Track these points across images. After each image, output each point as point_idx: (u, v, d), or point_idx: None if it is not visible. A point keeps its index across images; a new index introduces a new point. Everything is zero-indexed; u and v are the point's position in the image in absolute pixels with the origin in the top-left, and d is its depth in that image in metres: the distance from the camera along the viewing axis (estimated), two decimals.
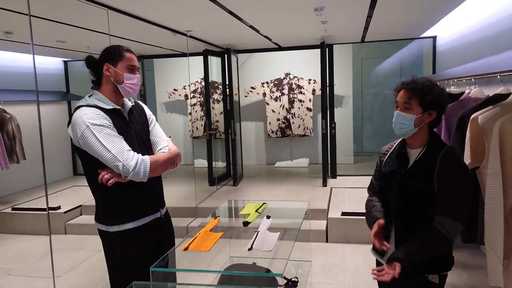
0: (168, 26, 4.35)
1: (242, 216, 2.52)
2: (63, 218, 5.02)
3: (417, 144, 1.81)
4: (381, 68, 8.47)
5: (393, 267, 1.61)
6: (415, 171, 1.77)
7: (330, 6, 3.66)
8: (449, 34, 5.11)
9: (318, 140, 7.33)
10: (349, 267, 3.76)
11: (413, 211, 1.77)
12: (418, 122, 1.75)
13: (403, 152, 1.85)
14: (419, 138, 1.80)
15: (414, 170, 1.78)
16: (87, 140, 1.87)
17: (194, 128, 7.73)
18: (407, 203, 1.78)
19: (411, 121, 1.74)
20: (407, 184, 1.77)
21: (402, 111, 1.77)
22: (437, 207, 1.69)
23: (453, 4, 3.94)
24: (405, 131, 1.78)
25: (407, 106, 1.75)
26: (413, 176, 1.77)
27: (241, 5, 3.57)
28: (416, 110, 1.74)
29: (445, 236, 1.65)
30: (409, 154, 1.83)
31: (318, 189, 5.68)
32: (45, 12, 3.35)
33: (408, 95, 1.75)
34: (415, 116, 1.74)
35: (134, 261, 2.04)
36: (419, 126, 1.75)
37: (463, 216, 1.69)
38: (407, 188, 1.77)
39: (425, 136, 1.79)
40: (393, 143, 1.97)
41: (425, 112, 1.74)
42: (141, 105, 2.28)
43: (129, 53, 2.06)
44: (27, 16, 2.50)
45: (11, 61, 5.67)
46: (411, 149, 1.84)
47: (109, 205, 2.03)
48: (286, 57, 7.39)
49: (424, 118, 1.75)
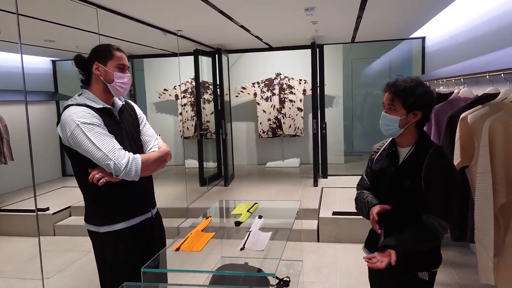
0: (159, 26, 4.32)
1: (234, 216, 2.51)
2: (52, 219, 4.96)
3: (406, 143, 1.84)
4: (371, 68, 8.53)
5: (387, 254, 1.61)
6: (405, 170, 1.79)
7: (320, 6, 3.67)
8: (438, 35, 5.16)
9: (309, 140, 7.35)
10: (340, 266, 3.78)
11: (403, 209, 1.78)
12: (402, 123, 1.77)
13: (393, 151, 1.88)
14: (407, 137, 1.82)
15: (403, 168, 1.80)
16: (77, 139, 1.85)
17: (185, 128, 7.70)
18: (397, 201, 1.79)
19: (395, 122, 1.77)
20: (397, 182, 1.80)
21: (387, 113, 1.80)
22: (425, 206, 1.71)
23: (441, 5, 3.98)
24: (390, 132, 1.81)
25: (391, 108, 1.78)
26: (402, 174, 1.79)
27: (232, 5, 3.56)
28: (400, 112, 1.76)
29: (433, 231, 1.67)
30: (399, 153, 1.86)
31: (309, 189, 5.69)
32: (34, 11, 3.30)
33: (391, 97, 1.78)
34: (399, 117, 1.76)
35: (125, 262, 2.01)
36: (404, 127, 1.78)
37: (451, 215, 1.71)
38: (397, 186, 1.80)
39: (413, 135, 1.82)
40: (384, 141, 1.99)
41: (409, 113, 1.76)
42: (132, 105, 2.26)
43: (119, 52, 2.04)
44: (14, 15, 2.46)
45: None
46: (401, 148, 1.86)
47: (99, 205, 2.01)
48: (277, 57, 7.40)
49: (409, 119, 1.77)
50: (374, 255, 1.65)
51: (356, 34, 5.50)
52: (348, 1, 3.56)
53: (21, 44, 2.60)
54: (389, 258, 1.59)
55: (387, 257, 1.60)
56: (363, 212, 1.90)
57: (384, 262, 1.59)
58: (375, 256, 1.64)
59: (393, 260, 1.59)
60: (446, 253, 3.84)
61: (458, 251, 3.87)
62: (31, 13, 3.37)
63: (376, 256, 1.63)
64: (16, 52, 5.07)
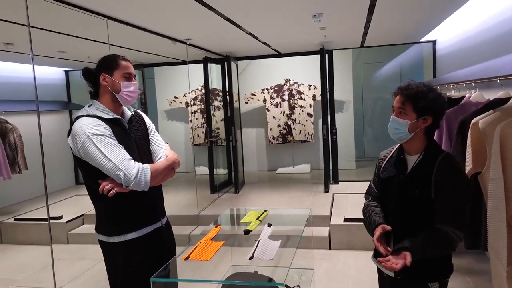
0: (168, 35, 4.36)
1: (244, 224, 2.51)
2: (65, 227, 5.01)
3: (414, 150, 1.80)
4: (382, 72, 8.48)
5: (403, 257, 1.59)
6: (414, 177, 1.76)
7: (328, 12, 3.67)
8: (448, 38, 5.11)
9: (319, 146, 7.32)
10: (352, 274, 3.74)
11: (412, 217, 1.76)
12: (412, 128, 1.74)
13: (401, 158, 1.84)
14: (416, 144, 1.79)
15: (412, 176, 1.77)
16: (88, 150, 1.86)
17: (195, 135, 7.73)
18: (406, 209, 1.77)
19: (405, 126, 1.74)
20: (406, 190, 1.76)
21: (396, 116, 1.77)
22: (437, 215, 1.68)
23: (452, 8, 3.94)
24: (399, 136, 1.78)
25: (401, 111, 1.75)
26: (411, 182, 1.76)
27: (240, 13, 3.58)
28: (410, 116, 1.73)
29: (448, 239, 1.64)
30: (407, 160, 1.82)
31: (320, 195, 5.66)
32: (45, 23, 3.36)
33: (402, 100, 1.75)
34: (409, 121, 1.73)
35: (136, 272, 2.02)
36: (414, 131, 1.75)
37: (463, 224, 1.68)
38: (406, 194, 1.76)
39: (422, 142, 1.78)
40: (391, 148, 1.96)
41: (419, 118, 1.73)
42: (141, 114, 2.28)
43: (125, 61, 2.05)
44: (26, 27, 2.51)
45: (12, 71, 5.70)
46: (409, 155, 1.83)
47: (109, 215, 2.02)
48: (286, 63, 7.41)
49: (419, 124, 1.74)
50: (389, 258, 1.63)
51: (365, 39, 5.48)
52: (355, 7, 3.56)
53: (33, 55, 2.65)
54: (404, 261, 1.58)
55: (402, 259, 1.59)
56: (369, 231, 1.88)
57: (399, 264, 1.57)
58: (389, 260, 1.62)
59: (408, 262, 1.57)
60: (461, 260, 3.80)
61: (473, 258, 3.81)
62: (43, 25, 3.44)
63: (391, 259, 1.61)
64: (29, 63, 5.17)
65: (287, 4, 3.34)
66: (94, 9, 3.09)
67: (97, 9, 3.10)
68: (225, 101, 6.35)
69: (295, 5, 3.40)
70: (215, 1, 3.09)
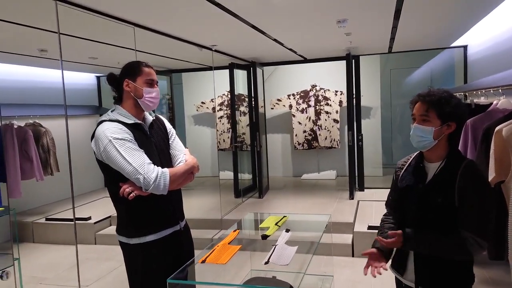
0: (193, 41, 4.44)
1: (263, 229, 2.52)
2: (93, 228, 5.16)
3: (435, 157, 1.76)
4: (411, 78, 8.31)
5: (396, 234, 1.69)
6: (435, 186, 1.71)
7: (352, 18, 3.65)
8: (480, 42, 4.97)
9: (345, 152, 7.24)
10: (375, 282, 3.66)
11: (431, 227, 1.71)
12: (437, 135, 1.70)
13: (420, 167, 1.80)
14: (438, 151, 1.74)
15: (433, 184, 1.72)
16: (110, 154, 1.92)
17: (221, 140, 7.81)
18: (425, 219, 1.73)
19: (429, 133, 1.70)
20: (427, 199, 1.72)
21: (419, 124, 1.72)
22: (460, 223, 1.64)
23: (483, 12, 3.84)
24: (424, 144, 1.73)
25: (425, 119, 1.71)
26: (433, 191, 1.71)
27: (264, 20, 3.61)
28: (434, 122, 1.69)
29: (464, 243, 1.61)
30: (427, 168, 1.78)
31: (344, 202, 5.59)
32: (75, 30, 3.50)
33: (425, 107, 1.70)
34: (434, 128, 1.69)
35: (154, 273, 2.06)
36: (438, 138, 1.70)
37: (487, 231, 1.63)
38: (426, 203, 1.72)
39: (444, 149, 1.74)
40: (409, 156, 1.93)
41: (444, 124, 1.69)
42: (162, 119, 2.33)
43: (148, 68, 2.11)
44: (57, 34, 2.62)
45: (46, 77, 5.95)
46: (429, 163, 1.78)
47: (130, 218, 2.08)
48: (312, 69, 7.39)
49: (443, 130, 1.70)
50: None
51: (393, 44, 5.40)
52: (380, 13, 3.52)
53: (62, 61, 2.76)
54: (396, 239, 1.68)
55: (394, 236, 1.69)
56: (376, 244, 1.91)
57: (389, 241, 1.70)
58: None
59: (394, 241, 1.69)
60: (489, 272, 3.66)
61: (502, 269, 3.66)
62: (73, 33, 3.57)
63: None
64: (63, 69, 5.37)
65: (311, 10, 3.34)
66: (122, 17, 3.20)
67: (124, 17, 3.20)
68: (251, 106, 6.39)
69: (319, 12, 3.40)
70: (239, 8, 3.14)
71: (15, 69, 5.51)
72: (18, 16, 3.01)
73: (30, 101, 5.65)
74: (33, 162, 5.13)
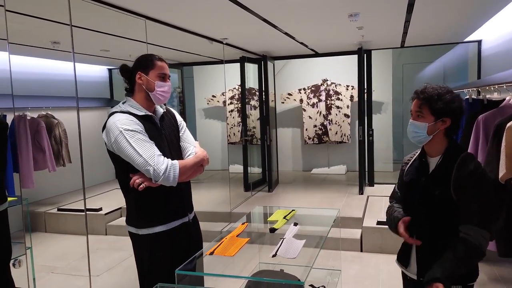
0: (204, 34, 4.45)
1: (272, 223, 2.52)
2: (104, 219, 5.23)
3: (435, 152, 1.81)
4: (424, 73, 8.21)
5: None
6: (435, 179, 1.76)
7: (364, 12, 3.61)
8: (494, 38, 4.89)
9: (355, 147, 7.20)
10: (383, 278, 3.66)
11: (434, 219, 1.75)
12: (431, 130, 1.75)
13: (422, 161, 1.85)
14: (436, 146, 1.79)
15: (433, 178, 1.78)
16: (120, 145, 1.95)
17: (232, 134, 7.82)
18: (428, 212, 1.77)
19: (423, 129, 1.75)
20: (428, 193, 1.77)
21: (414, 120, 1.79)
22: (461, 216, 1.67)
23: (498, 6, 3.76)
24: (418, 139, 1.79)
25: (419, 114, 1.77)
26: (432, 185, 1.76)
27: (275, 13, 3.59)
28: (428, 118, 1.75)
29: (475, 246, 1.61)
30: (429, 163, 1.83)
31: (354, 197, 5.58)
32: (87, 22, 3.53)
33: (419, 104, 1.77)
34: (428, 124, 1.74)
35: (162, 264, 2.09)
36: (432, 133, 1.76)
37: (488, 222, 1.65)
38: (428, 197, 1.77)
39: (443, 143, 1.79)
40: (415, 152, 1.97)
41: (438, 120, 1.74)
42: (172, 112, 2.34)
43: (161, 62, 2.12)
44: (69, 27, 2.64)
45: (59, 69, 6.01)
46: (430, 158, 1.83)
47: (139, 208, 2.10)
48: (324, 63, 7.34)
49: (438, 126, 1.75)
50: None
51: (406, 39, 5.34)
52: (393, 6, 3.48)
53: (74, 53, 2.79)
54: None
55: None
56: (392, 228, 1.90)
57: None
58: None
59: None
60: (499, 269, 3.63)
61: None
62: (85, 25, 3.60)
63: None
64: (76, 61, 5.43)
65: (323, 4, 3.32)
66: (133, 10, 3.21)
67: (136, 9, 3.22)
68: (261, 100, 6.38)
69: (331, 5, 3.38)
70: (250, 1, 3.13)
71: (28, 61, 5.58)
72: (31, 8, 3.04)
73: (43, 93, 5.72)
74: (46, 153, 5.20)
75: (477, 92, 3.90)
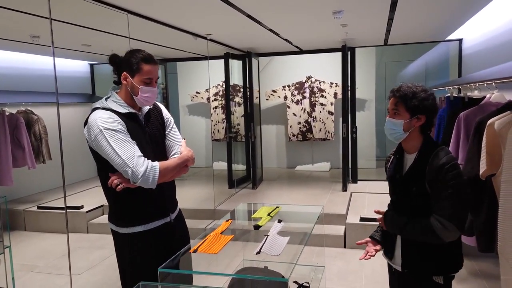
0: (188, 30, 4.40)
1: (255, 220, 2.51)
2: (85, 217, 5.15)
3: (411, 148, 1.88)
4: (407, 71, 8.32)
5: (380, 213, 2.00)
6: (410, 175, 1.83)
7: (348, 9, 3.63)
8: (475, 36, 4.97)
9: (339, 144, 7.25)
10: (366, 273, 3.70)
11: (415, 214, 1.81)
12: (407, 127, 1.82)
13: (397, 158, 1.94)
14: (412, 143, 1.86)
15: (409, 174, 1.84)
16: (100, 143, 1.90)
17: (216, 130, 7.78)
18: (407, 206, 1.85)
19: (399, 126, 1.82)
20: (405, 188, 1.85)
21: (391, 117, 1.86)
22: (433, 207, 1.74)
23: (478, 5, 3.83)
24: (395, 136, 1.86)
25: (395, 112, 1.84)
26: (409, 181, 1.83)
27: (259, 9, 3.58)
28: (404, 115, 1.81)
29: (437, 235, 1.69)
30: (406, 159, 1.91)
31: (337, 193, 5.62)
32: (67, 16, 3.45)
33: (395, 102, 1.84)
34: (404, 121, 1.81)
35: (143, 263, 2.05)
36: (408, 130, 1.83)
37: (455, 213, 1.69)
38: (405, 192, 1.86)
39: (418, 140, 1.85)
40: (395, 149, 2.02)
41: (413, 117, 1.80)
42: (159, 107, 2.27)
43: (148, 65, 2.02)
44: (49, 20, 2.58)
45: (39, 64, 5.87)
46: (408, 154, 1.90)
47: (119, 208, 2.06)
48: (308, 60, 7.36)
49: (413, 123, 1.81)
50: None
51: (389, 37, 5.39)
52: (376, 4, 3.50)
53: (54, 48, 2.72)
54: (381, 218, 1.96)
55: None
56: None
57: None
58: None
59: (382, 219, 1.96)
60: (480, 264, 3.71)
61: (493, 262, 3.70)
62: (65, 19, 3.52)
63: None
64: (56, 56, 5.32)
65: (307, 0, 3.31)
66: (114, 3, 3.15)
67: (117, 3, 3.15)
68: (246, 97, 6.36)
69: (315, 2, 3.38)
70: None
71: (6, 56, 5.44)
72: (10, 0, 2.95)
73: (22, 88, 5.59)
74: (25, 150, 5.09)
75: (458, 90, 3.96)
